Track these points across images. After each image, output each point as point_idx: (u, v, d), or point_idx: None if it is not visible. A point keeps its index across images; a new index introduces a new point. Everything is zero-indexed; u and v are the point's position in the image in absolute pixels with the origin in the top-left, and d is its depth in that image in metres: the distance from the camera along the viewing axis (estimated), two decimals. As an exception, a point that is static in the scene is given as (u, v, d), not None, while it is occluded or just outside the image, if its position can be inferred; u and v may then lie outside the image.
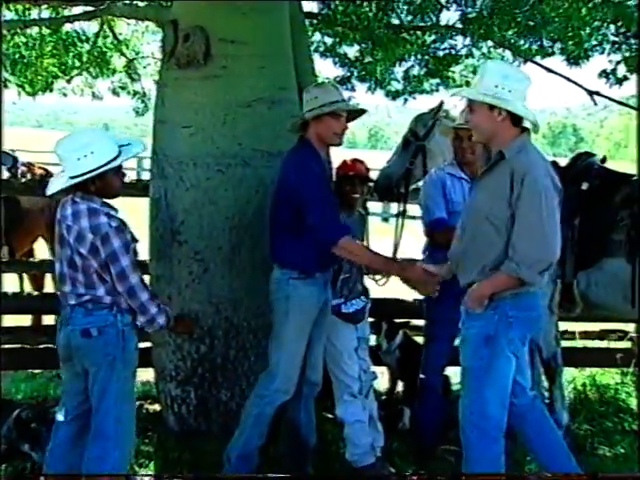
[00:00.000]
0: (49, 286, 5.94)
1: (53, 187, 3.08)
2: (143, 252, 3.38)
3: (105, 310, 3.03)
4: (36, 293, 5.73)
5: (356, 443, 3.88)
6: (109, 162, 2.98)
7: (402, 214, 4.56)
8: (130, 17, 6.41)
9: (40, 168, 6.52)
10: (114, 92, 8.37)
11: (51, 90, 7.73)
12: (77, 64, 7.41)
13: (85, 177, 2.95)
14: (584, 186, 4.25)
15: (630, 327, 5.84)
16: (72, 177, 2.96)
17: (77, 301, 3.05)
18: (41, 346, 4.92)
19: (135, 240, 3.13)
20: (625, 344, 5.66)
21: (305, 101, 3.56)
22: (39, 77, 7.35)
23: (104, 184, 3.02)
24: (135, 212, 3.15)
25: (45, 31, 7.13)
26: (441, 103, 4.55)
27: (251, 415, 3.59)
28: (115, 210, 3.09)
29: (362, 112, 3.80)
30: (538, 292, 3.20)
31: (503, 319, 3.10)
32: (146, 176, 11.38)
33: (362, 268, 4.01)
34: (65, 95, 8.40)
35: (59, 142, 3.02)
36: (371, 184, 4.28)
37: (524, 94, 3.10)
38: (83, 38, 7.25)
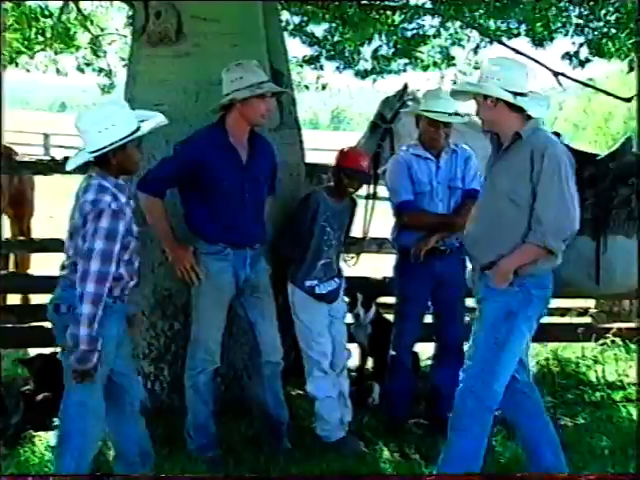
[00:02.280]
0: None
1: (72, 162, 3.02)
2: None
3: (70, 288, 2.92)
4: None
5: (326, 419, 3.93)
6: (131, 134, 2.93)
7: (372, 196, 4.61)
8: None
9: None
10: (79, 69, 8.21)
11: (17, 64, 7.54)
12: (40, 39, 7.22)
13: (107, 149, 2.89)
14: None
15: (590, 303, 6.00)
16: (94, 151, 2.90)
17: (61, 273, 3.01)
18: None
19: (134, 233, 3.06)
20: (585, 319, 5.82)
21: (229, 81, 3.50)
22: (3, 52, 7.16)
23: (125, 157, 2.96)
24: None
25: (7, 4, 6.94)
26: (405, 85, 4.59)
27: (188, 388, 3.67)
28: (126, 191, 3.02)
29: (283, 92, 3.88)
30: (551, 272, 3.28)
31: (526, 296, 3.18)
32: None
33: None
34: (28, 71, 8.21)
35: (80, 116, 2.97)
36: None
37: (516, 81, 3.16)
38: (47, 13, 7.06)
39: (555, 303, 5.80)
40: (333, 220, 3.92)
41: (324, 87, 8.25)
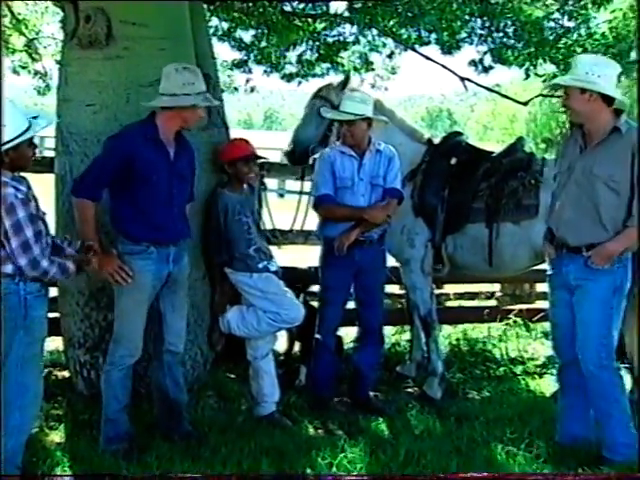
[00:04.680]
0: None
1: None
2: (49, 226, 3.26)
3: (8, 278, 2.90)
4: None
5: (256, 397, 3.99)
6: (21, 134, 2.88)
7: (300, 192, 4.61)
8: None
9: None
10: (14, 71, 7.89)
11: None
12: (-26, 43, 6.92)
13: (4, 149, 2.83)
14: (453, 161, 4.44)
15: (495, 287, 6.18)
16: None
17: None
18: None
19: (42, 212, 3.04)
20: (491, 302, 6.00)
21: (180, 83, 3.39)
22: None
23: (18, 155, 2.92)
24: (41, 188, 3.04)
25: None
26: (347, 76, 4.62)
27: (103, 381, 3.58)
28: (24, 183, 2.99)
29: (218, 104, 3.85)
30: None
31: (626, 273, 3.34)
32: (48, 153, 10.85)
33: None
34: (-37, 74, 7.84)
35: None
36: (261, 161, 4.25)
37: (613, 79, 3.28)
38: (-20, 17, 6.78)
39: (464, 288, 5.99)
40: (244, 209, 3.95)
41: (252, 89, 8.22)
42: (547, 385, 4.62)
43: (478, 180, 4.37)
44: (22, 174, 3.07)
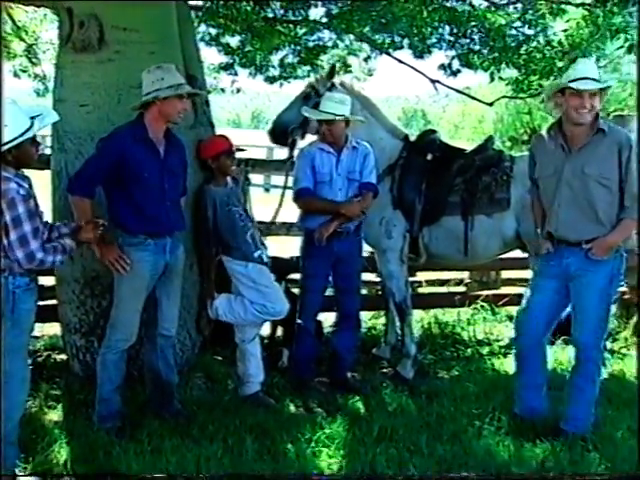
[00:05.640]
0: None
1: None
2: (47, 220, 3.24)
3: None
4: None
5: (242, 377, 3.98)
6: (23, 133, 2.85)
7: (287, 160, 4.53)
8: (27, 4, 6.01)
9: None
10: (15, 74, 7.79)
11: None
12: (-22, 48, 6.83)
13: (2, 148, 2.80)
14: (429, 157, 4.44)
15: (465, 275, 6.21)
16: None
17: None
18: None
19: (40, 211, 3.03)
20: (461, 289, 6.02)
21: (150, 81, 3.40)
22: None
23: (21, 153, 2.90)
24: (40, 182, 3.03)
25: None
26: (333, 67, 4.59)
27: (99, 363, 3.57)
28: (27, 181, 2.96)
29: (198, 94, 3.81)
30: None
31: (621, 261, 3.37)
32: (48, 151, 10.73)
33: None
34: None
35: None
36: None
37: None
38: (-19, 25, 6.69)
39: (435, 275, 6.00)
40: (231, 200, 3.94)
41: (238, 90, 8.15)
42: (510, 364, 4.60)
43: (453, 175, 4.38)
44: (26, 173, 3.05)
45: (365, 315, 5.19)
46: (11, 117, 2.85)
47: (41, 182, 3.11)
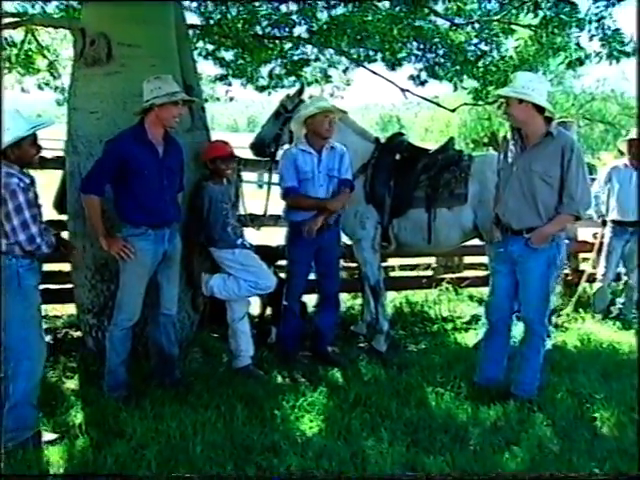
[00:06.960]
0: None
1: None
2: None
3: (3, 255, 2.96)
4: None
5: (234, 352, 4.02)
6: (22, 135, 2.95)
7: (269, 170, 4.58)
8: (47, 25, 6.09)
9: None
10: (39, 87, 7.80)
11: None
12: (7, 65, 6.85)
13: (4, 146, 2.91)
14: (397, 157, 4.47)
15: (432, 260, 6.26)
16: None
17: None
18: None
19: (39, 204, 3.08)
20: (428, 272, 6.08)
21: (149, 90, 3.43)
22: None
23: (22, 153, 2.98)
24: (39, 182, 3.11)
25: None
26: (302, 86, 4.62)
27: (107, 339, 3.61)
28: (29, 178, 3.03)
29: (193, 101, 3.80)
30: None
31: (558, 250, 3.44)
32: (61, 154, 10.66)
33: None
34: (-3, 91, 7.68)
35: None
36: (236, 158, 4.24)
37: (544, 92, 3.35)
38: (11, 44, 6.71)
39: (406, 261, 6.05)
40: (224, 198, 3.97)
41: (232, 99, 8.15)
42: (471, 338, 4.72)
43: (418, 173, 4.40)
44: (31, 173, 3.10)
45: (344, 296, 5.23)
46: (13, 122, 2.96)
47: (41, 182, 3.16)
